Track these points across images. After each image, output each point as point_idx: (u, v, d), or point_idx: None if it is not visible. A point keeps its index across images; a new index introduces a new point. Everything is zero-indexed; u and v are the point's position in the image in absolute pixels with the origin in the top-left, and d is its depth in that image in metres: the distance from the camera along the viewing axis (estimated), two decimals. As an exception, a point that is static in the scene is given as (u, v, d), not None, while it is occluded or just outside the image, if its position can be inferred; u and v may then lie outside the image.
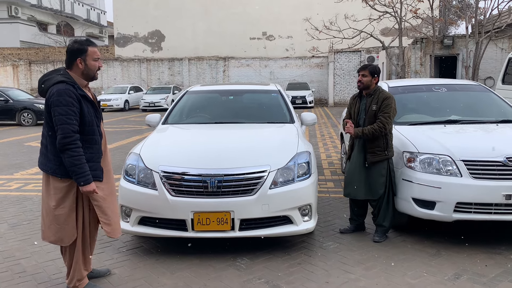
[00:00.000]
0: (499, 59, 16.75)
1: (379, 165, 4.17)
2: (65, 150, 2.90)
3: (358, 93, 4.43)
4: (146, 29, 33.10)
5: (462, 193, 3.90)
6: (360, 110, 4.31)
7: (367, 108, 4.24)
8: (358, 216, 4.47)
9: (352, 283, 3.41)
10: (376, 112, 4.15)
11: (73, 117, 2.92)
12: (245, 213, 3.73)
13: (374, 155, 4.16)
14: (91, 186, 2.98)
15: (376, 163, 4.16)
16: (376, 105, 4.17)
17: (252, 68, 29.91)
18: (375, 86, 4.27)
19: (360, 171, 4.23)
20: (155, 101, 23.64)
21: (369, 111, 4.20)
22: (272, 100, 5.69)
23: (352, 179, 4.28)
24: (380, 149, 4.15)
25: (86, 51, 3.04)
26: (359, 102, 4.37)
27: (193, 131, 5.00)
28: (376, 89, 4.26)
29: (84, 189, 2.97)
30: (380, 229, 4.27)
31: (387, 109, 4.12)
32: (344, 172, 4.32)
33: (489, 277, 3.44)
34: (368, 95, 4.28)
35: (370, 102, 4.22)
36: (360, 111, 4.31)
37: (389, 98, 4.18)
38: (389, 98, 4.18)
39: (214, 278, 3.52)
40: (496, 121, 4.94)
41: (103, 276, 3.56)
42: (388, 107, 4.13)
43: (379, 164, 4.17)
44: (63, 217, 3.05)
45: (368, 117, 4.21)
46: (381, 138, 4.16)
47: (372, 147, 4.17)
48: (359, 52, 26.20)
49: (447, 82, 5.92)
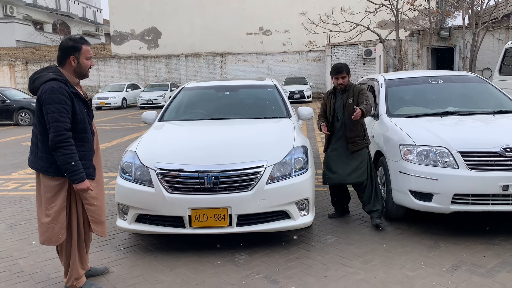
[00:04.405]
0: (496, 49, 16.71)
1: (360, 153, 4.48)
2: (58, 148, 2.88)
3: (333, 90, 4.73)
4: (143, 26, 32.97)
5: (459, 185, 3.89)
6: (337, 106, 4.60)
7: (345, 102, 4.54)
8: (341, 201, 4.77)
9: (350, 276, 3.41)
10: (353, 104, 4.43)
11: (66, 115, 2.90)
12: (242, 208, 3.72)
13: (355, 144, 4.47)
14: (85, 183, 2.97)
15: (357, 152, 4.47)
16: (353, 98, 4.50)
17: (250, 64, 29.86)
18: (349, 82, 4.60)
19: (343, 159, 4.50)
20: (153, 99, 23.60)
21: (347, 104, 4.51)
22: (268, 95, 5.67)
23: (336, 168, 4.53)
24: (360, 138, 4.48)
25: (80, 49, 3.03)
26: (335, 98, 4.66)
27: (189, 127, 4.99)
28: (350, 84, 4.60)
29: (78, 187, 2.96)
30: (375, 214, 4.44)
31: (365, 97, 4.48)
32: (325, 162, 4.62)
33: (487, 268, 3.45)
34: (344, 90, 4.59)
35: (347, 97, 4.54)
36: (336, 107, 4.59)
37: (364, 89, 4.61)
38: (364, 89, 4.61)
39: (212, 274, 3.52)
40: (493, 112, 4.92)
41: (101, 275, 3.55)
42: (365, 95, 4.52)
43: (359, 152, 4.48)
44: (52, 216, 3.02)
45: (347, 110, 4.49)
46: (359, 129, 4.48)
47: (352, 137, 4.48)
48: (356, 45, 26.15)
49: (443, 74, 5.90)
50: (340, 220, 4.68)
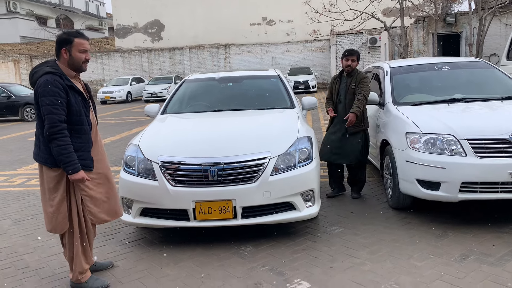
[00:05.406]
0: (503, 35, 16.44)
1: (356, 136, 4.84)
2: (52, 139, 2.92)
3: (339, 74, 5.09)
4: (145, 19, 32.83)
5: (467, 173, 3.82)
6: (340, 89, 4.96)
7: (348, 87, 4.89)
8: (338, 178, 5.10)
9: (357, 267, 3.36)
10: (355, 90, 4.81)
11: (60, 107, 2.93)
12: (247, 201, 3.68)
13: (353, 127, 4.79)
14: (79, 174, 2.99)
15: (355, 134, 4.83)
16: (355, 84, 4.83)
17: (254, 55, 29.68)
18: (355, 68, 4.93)
19: (341, 140, 4.86)
20: (158, 92, 23.57)
21: (349, 89, 4.87)
22: (272, 85, 5.60)
23: (334, 147, 4.90)
24: (358, 121, 4.78)
25: (71, 42, 3.04)
26: (339, 82, 5.02)
27: (192, 120, 4.94)
28: (356, 70, 4.92)
29: (72, 177, 2.99)
30: (355, 188, 5.00)
31: (364, 86, 4.78)
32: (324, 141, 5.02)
33: (496, 257, 3.39)
34: (349, 75, 4.93)
35: (350, 82, 4.88)
36: (340, 90, 4.96)
37: (366, 78, 4.87)
38: (366, 78, 4.87)
39: (218, 267, 3.50)
40: (501, 97, 4.83)
41: (106, 269, 3.54)
42: (365, 84, 4.80)
43: (357, 134, 4.84)
44: (55, 206, 3.08)
45: (348, 94, 4.88)
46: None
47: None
48: (361, 34, 25.86)
49: (449, 60, 5.79)
50: (346, 210, 4.64)
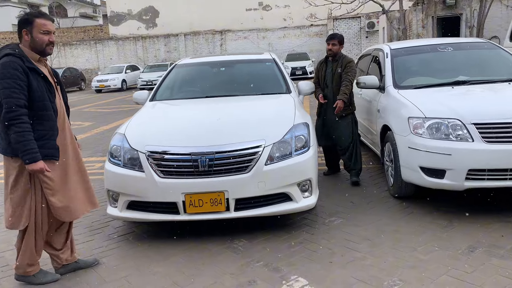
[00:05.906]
0: (504, 17, 16.12)
1: (346, 119, 4.88)
2: (10, 125, 2.71)
3: (324, 59, 5.09)
4: (139, 5, 32.18)
5: (474, 159, 3.60)
6: (327, 73, 4.98)
7: (334, 71, 4.92)
8: (333, 160, 5.31)
9: (358, 262, 3.15)
10: (341, 74, 4.84)
11: (19, 90, 2.70)
12: (240, 192, 3.46)
13: (341, 111, 4.79)
14: (38, 164, 2.75)
15: (344, 117, 4.86)
16: (341, 68, 4.86)
17: (250, 41, 29.26)
18: (340, 53, 4.93)
19: (332, 125, 4.94)
20: (153, 79, 23.14)
21: (335, 73, 4.90)
22: (267, 69, 5.33)
23: (325, 132, 5.03)
24: (346, 105, 4.79)
25: (32, 22, 2.82)
26: (325, 66, 5.03)
27: (182, 107, 4.68)
28: (340, 55, 4.94)
29: (30, 167, 2.75)
30: (353, 172, 4.92)
31: (350, 70, 4.82)
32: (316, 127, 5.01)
33: (506, 249, 3.17)
34: (334, 60, 4.95)
35: (336, 66, 4.91)
36: (326, 74, 4.98)
37: (352, 61, 4.91)
38: (352, 61, 4.91)
39: (209, 263, 3.28)
40: (508, 79, 4.58)
41: (90, 267, 3.32)
42: (351, 68, 4.83)
43: (345, 118, 4.87)
44: (17, 200, 2.87)
45: (334, 79, 4.91)
46: None
47: None
48: (359, 18, 25.46)
49: (453, 41, 5.53)
50: (345, 200, 4.42)
